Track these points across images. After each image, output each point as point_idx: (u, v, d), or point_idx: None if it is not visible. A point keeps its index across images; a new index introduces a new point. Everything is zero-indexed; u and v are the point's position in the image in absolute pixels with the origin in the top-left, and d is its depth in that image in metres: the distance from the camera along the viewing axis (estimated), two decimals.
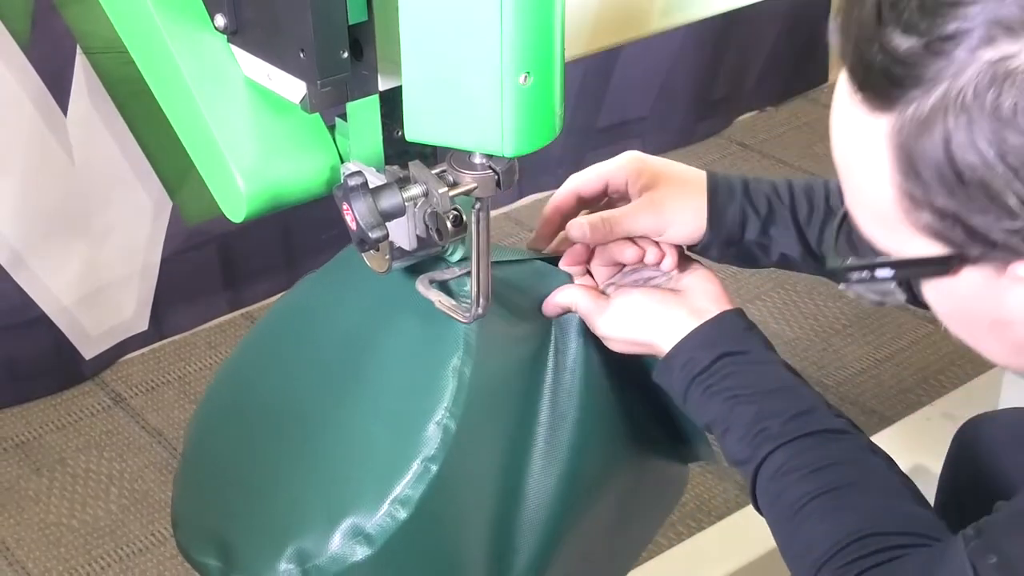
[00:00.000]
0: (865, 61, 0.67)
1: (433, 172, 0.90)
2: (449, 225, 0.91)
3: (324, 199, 1.03)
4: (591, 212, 1.08)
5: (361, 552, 0.95)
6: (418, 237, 0.94)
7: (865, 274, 0.73)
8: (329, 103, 0.94)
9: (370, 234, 0.87)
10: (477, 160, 0.89)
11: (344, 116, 1.01)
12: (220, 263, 2.35)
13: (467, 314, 0.95)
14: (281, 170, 0.97)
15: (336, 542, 0.96)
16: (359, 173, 0.88)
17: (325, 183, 1.01)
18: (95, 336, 2.23)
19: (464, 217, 0.92)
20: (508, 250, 1.10)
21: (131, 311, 2.27)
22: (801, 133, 3.00)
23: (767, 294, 2.44)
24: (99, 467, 2.06)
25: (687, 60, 2.84)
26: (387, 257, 0.97)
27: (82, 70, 2.03)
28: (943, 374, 2.15)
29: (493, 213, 2.81)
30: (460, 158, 0.91)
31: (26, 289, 2.10)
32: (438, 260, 1.01)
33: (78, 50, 2.01)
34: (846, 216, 0.75)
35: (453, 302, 0.97)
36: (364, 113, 0.96)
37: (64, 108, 2.03)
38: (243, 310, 2.41)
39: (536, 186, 2.75)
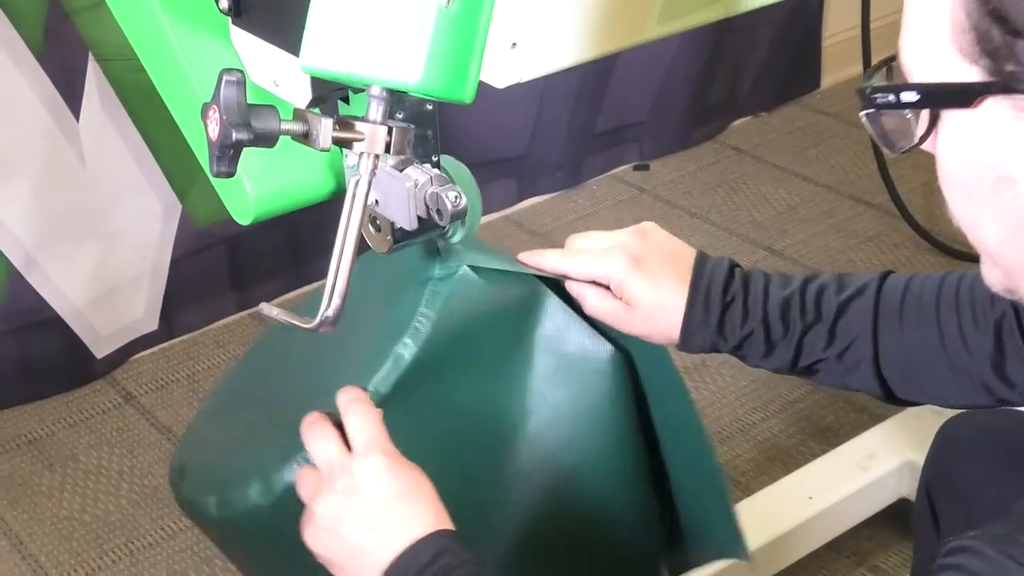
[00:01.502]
0: None
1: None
2: (449, 205, 0.90)
3: (329, 202, 1.03)
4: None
5: None
6: (419, 218, 0.93)
7: (891, 97, 0.70)
8: (331, 93, 0.93)
9: (233, 133, 0.78)
10: (373, 111, 0.82)
11: (347, 100, 1.00)
12: (228, 264, 2.35)
13: (312, 320, 0.85)
14: (287, 174, 0.98)
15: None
16: (237, 71, 0.80)
17: (330, 187, 1.01)
18: (106, 336, 2.23)
19: (464, 199, 0.92)
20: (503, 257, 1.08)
21: (141, 311, 2.27)
22: (794, 138, 3.00)
23: None
24: (110, 463, 2.06)
25: (683, 67, 2.84)
26: (388, 238, 0.97)
27: (94, 77, 2.03)
28: None
29: (492, 216, 2.81)
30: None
31: (39, 290, 2.10)
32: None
33: (90, 57, 2.01)
34: (892, 58, 0.73)
35: (294, 314, 0.88)
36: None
37: (76, 114, 2.03)
38: (250, 310, 2.40)
39: (535, 189, 2.75)
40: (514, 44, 0.89)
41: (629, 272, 1.05)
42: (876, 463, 1.81)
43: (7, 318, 2.09)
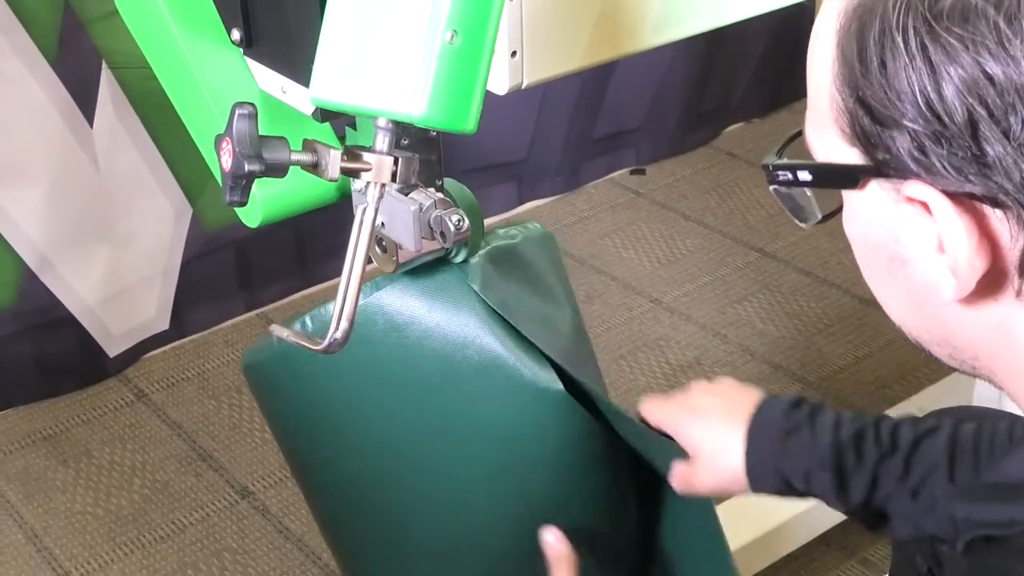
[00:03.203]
0: None
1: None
2: (452, 228, 0.91)
3: (335, 206, 1.03)
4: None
5: None
6: (422, 239, 0.94)
7: (788, 174, 0.71)
8: (339, 114, 0.94)
9: (246, 164, 0.79)
10: (380, 141, 0.83)
11: (354, 126, 1.01)
12: (237, 266, 2.35)
13: (322, 342, 0.84)
14: (294, 179, 0.98)
15: None
16: (249, 104, 0.81)
17: (336, 190, 1.01)
18: (118, 335, 2.23)
19: (467, 222, 0.92)
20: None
21: (153, 311, 2.27)
22: None
23: (754, 295, 2.44)
24: (123, 459, 2.06)
25: (678, 74, 2.84)
26: (394, 259, 0.97)
27: (107, 84, 2.03)
28: (919, 371, 2.15)
29: (494, 219, 2.82)
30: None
31: (53, 291, 2.10)
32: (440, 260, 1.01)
33: (103, 65, 2.01)
34: (801, 132, 0.73)
35: (304, 335, 0.88)
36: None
37: (90, 120, 2.03)
38: (258, 310, 2.41)
39: (535, 193, 2.75)
40: (514, 53, 0.89)
41: (686, 423, 1.01)
42: None
43: (22, 317, 2.09)
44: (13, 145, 1.97)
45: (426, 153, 0.93)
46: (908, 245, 0.65)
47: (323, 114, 0.96)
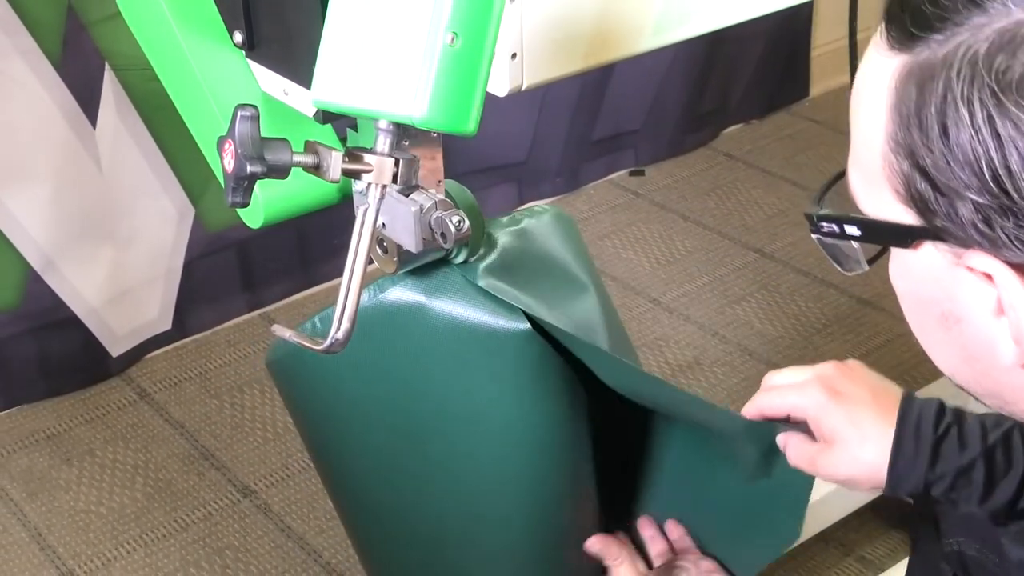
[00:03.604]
0: None
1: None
2: (452, 229, 0.91)
3: (336, 206, 1.03)
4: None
5: None
6: (423, 240, 0.94)
7: (835, 227, 0.68)
8: (341, 116, 0.94)
9: (248, 166, 0.79)
10: (381, 143, 0.83)
11: (356, 127, 1.01)
12: (239, 266, 2.35)
13: (323, 342, 0.84)
14: (296, 180, 0.98)
15: None
16: (251, 106, 0.81)
17: (337, 191, 1.01)
18: (121, 335, 2.23)
19: (467, 223, 0.92)
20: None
21: (155, 311, 2.27)
22: (784, 144, 3.00)
23: (752, 295, 2.44)
24: (125, 458, 2.06)
25: (677, 76, 2.84)
26: (395, 259, 0.97)
27: (110, 86, 2.03)
28: (916, 370, 2.15)
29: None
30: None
31: (57, 291, 2.10)
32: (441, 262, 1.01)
33: (106, 67, 2.01)
34: (842, 174, 0.70)
35: (305, 335, 0.87)
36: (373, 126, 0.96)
37: (93, 121, 2.03)
38: (260, 310, 2.41)
39: (535, 194, 2.75)
40: (514, 55, 0.89)
41: (827, 405, 0.96)
42: None
43: (26, 318, 2.09)
44: (17, 146, 1.97)
45: (427, 155, 0.93)
46: (965, 306, 0.63)
47: (325, 116, 0.96)
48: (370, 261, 0.85)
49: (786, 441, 1.00)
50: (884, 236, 0.66)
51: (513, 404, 1.02)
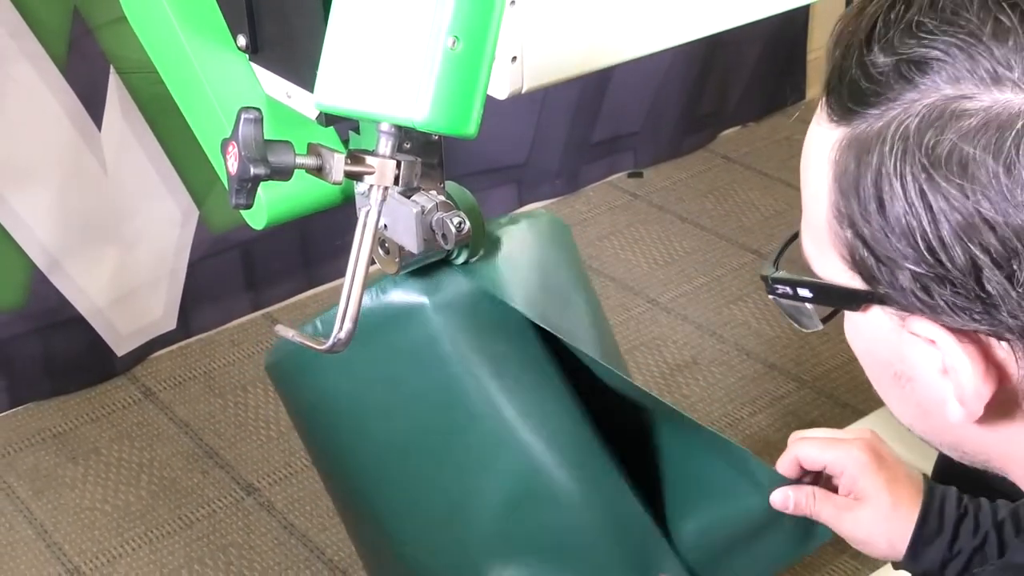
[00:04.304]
0: (841, 71, 0.62)
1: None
2: (453, 230, 0.91)
3: (339, 208, 1.03)
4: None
5: None
6: (424, 241, 0.94)
7: (788, 289, 0.69)
8: (343, 118, 0.94)
9: (251, 168, 0.79)
10: (383, 145, 0.83)
11: (358, 130, 1.01)
12: (243, 267, 2.35)
13: (326, 343, 0.84)
14: (299, 181, 0.98)
15: None
16: (255, 109, 0.81)
17: (339, 193, 1.01)
18: (126, 335, 2.23)
19: (468, 224, 0.92)
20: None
21: (160, 311, 2.27)
22: (780, 147, 3.00)
23: (749, 295, 2.44)
24: (130, 456, 2.06)
25: (675, 79, 2.84)
26: (396, 260, 0.97)
27: (115, 89, 2.03)
28: None
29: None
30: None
31: (63, 291, 2.10)
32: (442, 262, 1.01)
33: (111, 71, 2.01)
34: (796, 235, 0.70)
35: (308, 335, 0.88)
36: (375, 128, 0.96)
37: (99, 124, 2.03)
38: (264, 310, 2.41)
39: (535, 195, 2.75)
40: (514, 58, 0.89)
41: (869, 465, 0.97)
42: None
43: (32, 317, 2.09)
44: (23, 148, 1.97)
45: (428, 157, 0.93)
46: (913, 366, 0.63)
47: (327, 118, 0.96)
48: (372, 262, 0.85)
49: (810, 490, 1.00)
50: (834, 299, 0.66)
51: (513, 404, 1.02)
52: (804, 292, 0.68)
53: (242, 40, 0.98)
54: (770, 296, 0.72)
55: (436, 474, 1.07)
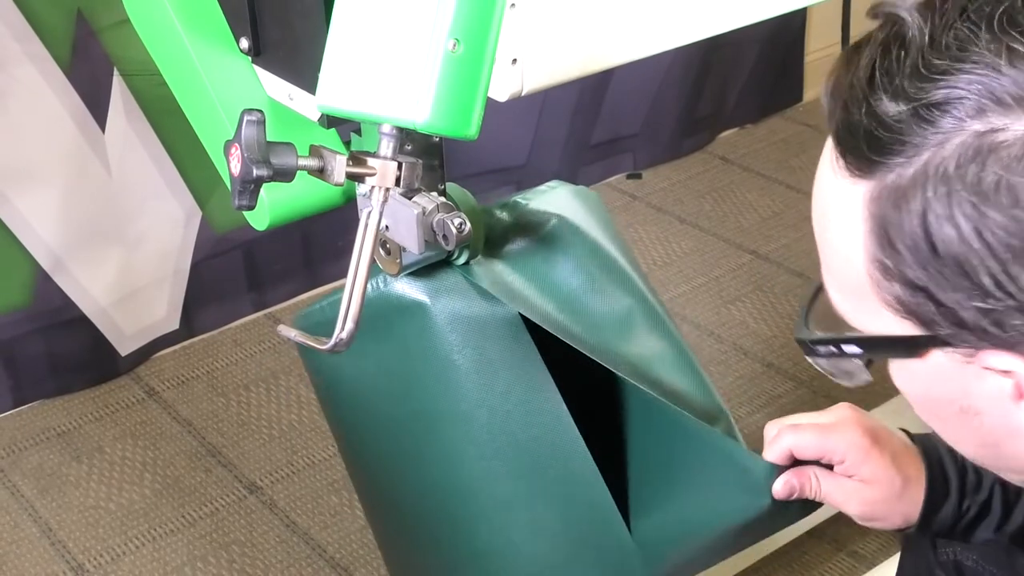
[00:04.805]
0: (851, 124, 0.60)
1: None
2: (454, 231, 0.91)
3: (340, 209, 1.03)
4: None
5: None
6: (425, 242, 0.94)
7: (832, 348, 0.67)
8: (344, 120, 0.94)
9: (254, 169, 0.79)
10: (384, 147, 0.83)
11: (359, 131, 1.01)
12: (245, 267, 2.35)
13: (328, 342, 0.84)
14: (301, 183, 0.98)
15: None
16: (257, 111, 0.81)
17: (341, 194, 1.01)
18: (130, 334, 2.23)
19: (468, 225, 0.92)
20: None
21: (163, 311, 2.27)
22: (778, 148, 3.00)
23: (747, 296, 2.44)
24: (134, 455, 2.06)
25: (674, 82, 2.84)
26: (397, 261, 0.97)
27: (119, 91, 2.03)
28: None
29: None
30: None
31: (67, 291, 2.10)
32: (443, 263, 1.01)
33: (115, 73, 2.01)
34: (820, 288, 0.68)
35: (310, 336, 0.87)
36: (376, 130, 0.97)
37: (102, 125, 2.03)
38: (266, 311, 2.41)
39: None
40: (514, 60, 0.89)
41: (870, 449, 0.94)
42: None
43: (37, 317, 2.09)
44: (28, 150, 1.97)
45: (429, 159, 0.93)
46: (982, 398, 0.62)
47: (329, 120, 0.96)
48: (373, 262, 0.85)
49: (812, 473, 0.97)
50: (886, 349, 0.64)
51: (507, 404, 1.02)
52: (851, 348, 0.66)
53: (244, 43, 0.98)
54: (809, 359, 0.69)
55: (417, 464, 1.08)
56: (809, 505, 1.02)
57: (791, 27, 3.02)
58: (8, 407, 2.15)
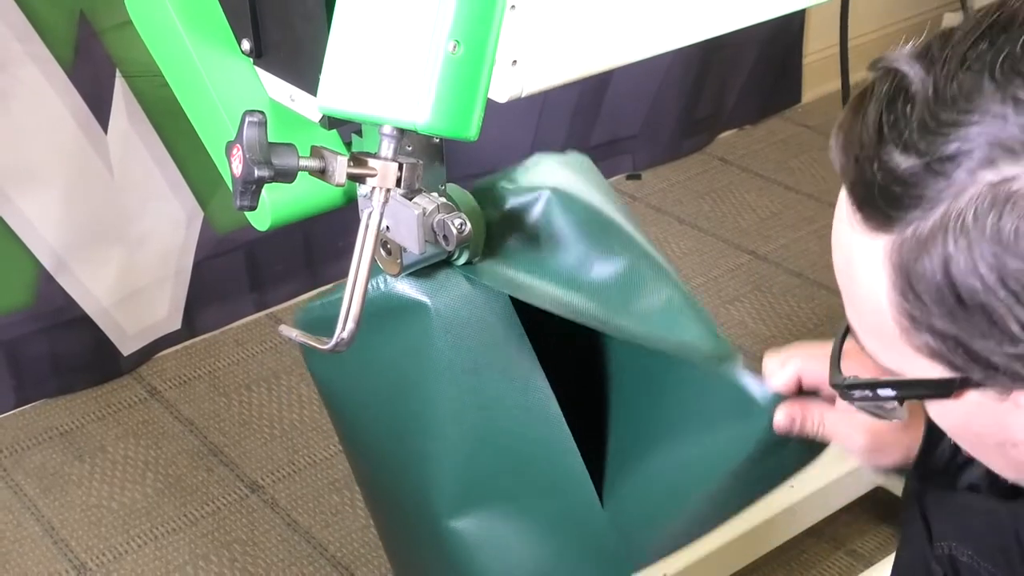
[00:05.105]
0: (865, 179, 0.60)
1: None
2: (454, 231, 0.91)
3: (341, 209, 1.03)
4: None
5: None
6: (425, 242, 0.94)
7: (867, 392, 0.67)
8: (345, 121, 0.94)
9: (255, 170, 0.79)
10: (385, 148, 0.83)
11: (360, 133, 1.01)
12: (247, 268, 2.35)
13: (329, 342, 0.84)
14: (302, 183, 0.98)
15: None
16: (259, 112, 0.81)
17: (342, 195, 1.01)
18: (132, 334, 2.23)
19: (469, 225, 0.92)
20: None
21: (165, 311, 2.27)
22: (777, 149, 3.00)
23: (746, 296, 2.44)
24: (136, 454, 2.06)
25: (673, 83, 2.84)
26: (398, 261, 0.97)
27: (121, 92, 2.03)
28: None
29: None
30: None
31: (69, 291, 2.10)
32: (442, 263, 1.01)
33: (117, 74, 2.01)
34: (848, 330, 0.68)
35: (311, 336, 0.87)
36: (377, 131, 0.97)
37: (104, 126, 2.03)
38: (268, 311, 2.41)
39: None
40: (514, 61, 0.89)
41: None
42: None
43: (39, 317, 2.09)
44: (30, 151, 1.97)
45: (429, 160, 0.93)
46: (1020, 430, 0.62)
47: (330, 121, 0.96)
48: (374, 262, 0.85)
49: (818, 407, 0.94)
50: (921, 391, 0.64)
51: (501, 405, 1.02)
52: (886, 391, 0.66)
53: (246, 44, 0.98)
54: (845, 401, 0.69)
55: (412, 462, 1.08)
56: (806, 453, 1.00)
57: (790, 28, 3.02)
58: (11, 406, 2.15)
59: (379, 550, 1.85)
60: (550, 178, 1.06)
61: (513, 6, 0.85)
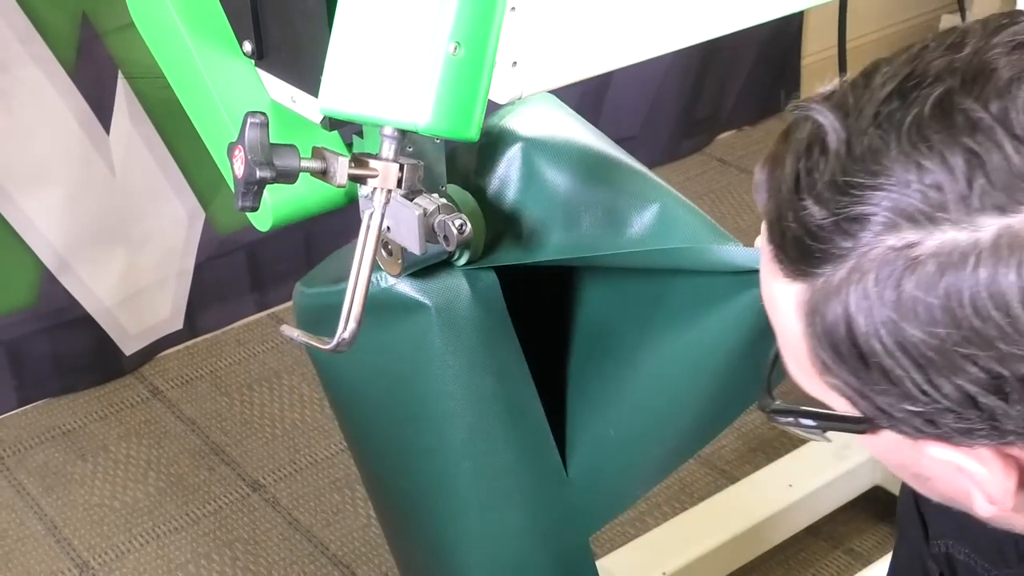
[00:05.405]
0: (782, 225, 0.60)
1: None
2: (455, 232, 0.91)
3: (342, 210, 1.04)
4: None
5: None
6: (426, 243, 0.94)
7: (790, 418, 0.68)
8: (346, 122, 0.94)
9: (257, 171, 0.79)
10: (386, 149, 0.83)
11: (361, 134, 1.01)
12: (248, 268, 2.35)
13: (330, 342, 0.84)
14: (303, 184, 0.98)
15: None
16: (260, 113, 0.81)
17: (343, 196, 1.01)
18: (134, 334, 2.23)
19: (469, 226, 0.92)
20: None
21: (167, 311, 2.27)
22: None
23: None
24: (138, 453, 2.06)
25: (672, 84, 2.84)
26: (399, 261, 0.97)
27: (123, 93, 2.03)
28: None
29: None
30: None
31: (72, 291, 2.10)
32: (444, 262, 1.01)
33: (119, 75, 2.02)
34: (778, 356, 0.68)
35: (312, 336, 0.87)
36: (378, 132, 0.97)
37: (107, 127, 2.03)
38: (269, 311, 2.41)
39: None
40: (515, 63, 0.89)
41: None
42: (852, 453, 1.81)
43: (42, 317, 2.10)
44: (33, 152, 1.97)
45: (430, 160, 0.93)
46: (931, 470, 0.63)
47: (331, 123, 0.96)
48: (375, 263, 0.85)
49: None
50: (839, 425, 0.65)
51: (493, 406, 1.03)
52: (807, 421, 0.66)
53: (248, 46, 0.99)
54: (771, 422, 0.70)
55: (409, 459, 1.09)
56: None
57: (788, 30, 3.02)
58: (13, 406, 2.15)
59: (380, 549, 1.85)
60: (522, 129, 1.05)
61: (513, 8, 0.85)
